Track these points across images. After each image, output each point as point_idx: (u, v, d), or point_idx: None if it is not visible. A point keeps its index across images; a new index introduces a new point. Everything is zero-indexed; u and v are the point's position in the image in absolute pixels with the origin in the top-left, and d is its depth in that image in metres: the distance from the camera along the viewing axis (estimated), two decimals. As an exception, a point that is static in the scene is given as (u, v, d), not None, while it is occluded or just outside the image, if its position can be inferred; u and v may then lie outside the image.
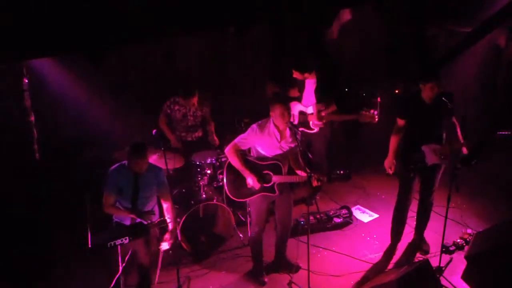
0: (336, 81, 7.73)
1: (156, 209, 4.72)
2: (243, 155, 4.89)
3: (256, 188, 4.84)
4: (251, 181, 4.81)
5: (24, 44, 3.29)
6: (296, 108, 6.07)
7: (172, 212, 4.73)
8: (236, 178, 4.91)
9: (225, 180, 4.98)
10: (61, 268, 5.34)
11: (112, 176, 4.48)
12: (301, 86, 6.08)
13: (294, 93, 6.14)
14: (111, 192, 4.46)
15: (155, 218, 4.59)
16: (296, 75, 6.00)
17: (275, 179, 4.82)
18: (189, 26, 4.10)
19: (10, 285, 5.16)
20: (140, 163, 4.38)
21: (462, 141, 5.00)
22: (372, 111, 5.79)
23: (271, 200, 5.01)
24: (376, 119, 5.78)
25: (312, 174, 4.63)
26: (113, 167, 4.53)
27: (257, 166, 4.84)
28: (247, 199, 5.01)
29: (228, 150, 4.84)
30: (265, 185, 4.83)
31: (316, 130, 6.12)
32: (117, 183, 4.45)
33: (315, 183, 4.68)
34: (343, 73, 7.89)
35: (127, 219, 4.55)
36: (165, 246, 4.61)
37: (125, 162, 4.48)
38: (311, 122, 6.04)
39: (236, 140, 4.83)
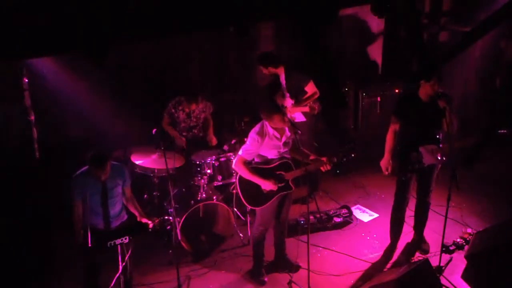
0: (335, 81, 7.72)
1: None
2: (249, 164, 4.88)
3: (274, 191, 4.84)
4: (267, 186, 4.79)
5: (24, 44, 3.28)
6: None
7: (135, 202, 4.77)
8: (250, 188, 4.85)
9: (240, 194, 4.91)
10: (60, 268, 5.34)
11: (78, 182, 4.42)
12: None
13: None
14: (80, 200, 4.40)
15: (124, 216, 4.69)
16: (263, 71, 6.11)
17: (289, 176, 4.84)
18: (189, 26, 4.09)
19: (9, 285, 5.16)
20: (102, 172, 4.35)
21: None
22: (316, 104, 6.15)
23: (283, 197, 5.01)
24: (316, 112, 6.20)
25: (323, 158, 4.73)
26: (76, 174, 4.46)
27: (268, 170, 4.83)
28: (267, 204, 4.91)
29: (236, 164, 4.81)
30: (280, 185, 4.84)
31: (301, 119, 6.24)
32: (84, 191, 4.39)
33: (324, 168, 4.74)
34: (343, 73, 7.89)
35: (99, 222, 4.51)
36: (151, 225, 4.59)
37: (87, 168, 4.42)
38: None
39: (241, 154, 4.80)
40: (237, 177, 4.91)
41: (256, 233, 5.11)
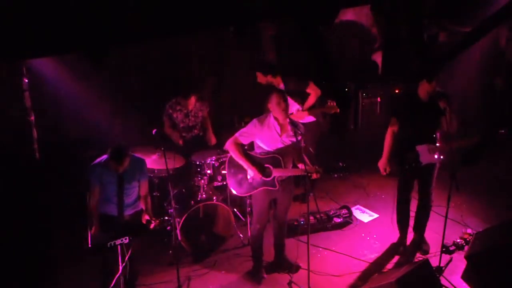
0: (337, 81, 7.73)
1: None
2: (245, 150, 4.92)
3: (257, 181, 4.86)
4: (251, 172, 4.83)
5: (24, 44, 3.29)
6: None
7: (148, 199, 4.83)
8: (238, 173, 4.95)
9: (226, 175, 5.02)
10: (61, 268, 5.34)
11: (96, 171, 4.54)
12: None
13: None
14: (96, 188, 4.55)
15: (139, 205, 4.79)
16: (260, 78, 6.06)
17: (275, 172, 4.84)
18: (189, 26, 4.10)
19: (9, 285, 5.16)
20: (119, 167, 4.43)
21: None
22: (333, 102, 5.99)
23: (273, 196, 5.02)
24: (338, 110, 6.01)
25: (311, 167, 4.75)
26: (96, 162, 4.58)
27: (258, 159, 4.87)
28: (249, 194, 5.02)
29: (229, 143, 4.88)
30: (265, 179, 4.85)
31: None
32: (101, 179, 4.53)
33: (314, 176, 4.78)
34: (343, 73, 7.89)
35: (113, 210, 4.61)
36: (153, 224, 4.63)
37: (105, 158, 4.53)
38: None
39: (237, 134, 4.88)
40: (228, 158, 4.99)
41: (253, 231, 5.14)
